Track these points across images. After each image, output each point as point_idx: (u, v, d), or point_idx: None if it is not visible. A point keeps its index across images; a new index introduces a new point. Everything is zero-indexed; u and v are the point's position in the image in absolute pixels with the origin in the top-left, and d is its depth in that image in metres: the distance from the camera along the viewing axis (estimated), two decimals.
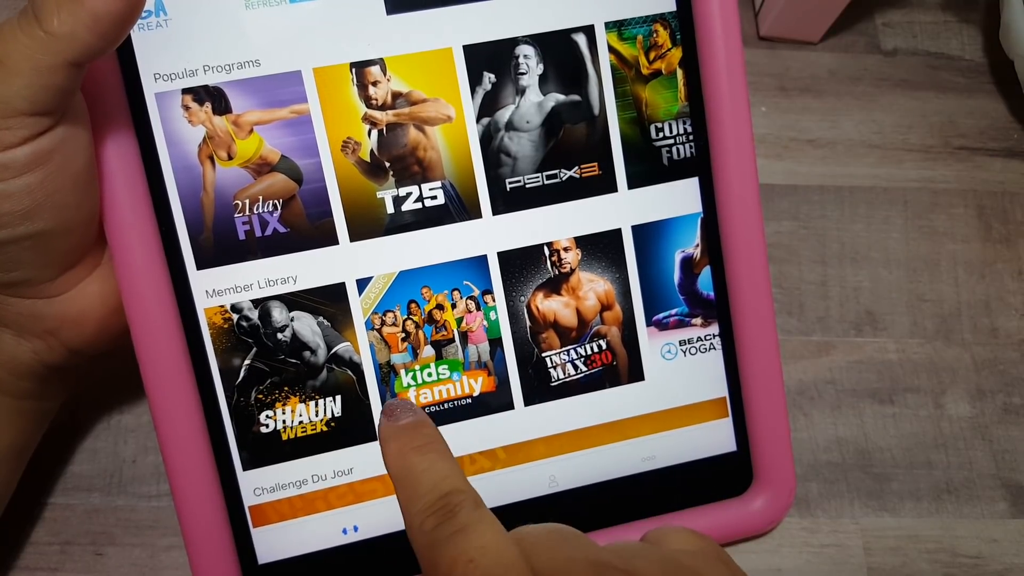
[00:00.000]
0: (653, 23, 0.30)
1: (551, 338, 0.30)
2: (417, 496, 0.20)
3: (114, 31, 0.22)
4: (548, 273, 0.30)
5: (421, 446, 0.21)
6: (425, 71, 0.28)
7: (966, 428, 0.35)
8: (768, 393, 0.31)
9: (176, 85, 0.27)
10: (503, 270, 0.30)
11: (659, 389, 0.31)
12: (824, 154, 0.39)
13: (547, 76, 0.29)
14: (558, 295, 0.30)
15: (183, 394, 0.27)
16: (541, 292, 0.30)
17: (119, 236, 0.26)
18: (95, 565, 0.31)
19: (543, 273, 0.30)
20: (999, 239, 0.38)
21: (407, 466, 0.21)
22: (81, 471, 0.33)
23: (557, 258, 0.30)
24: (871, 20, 0.42)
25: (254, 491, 0.29)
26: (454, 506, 0.20)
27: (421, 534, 0.19)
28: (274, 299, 0.28)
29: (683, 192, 0.31)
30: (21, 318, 0.26)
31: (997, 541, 0.34)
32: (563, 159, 0.30)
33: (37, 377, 0.28)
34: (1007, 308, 0.38)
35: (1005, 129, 0.40)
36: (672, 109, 0.30)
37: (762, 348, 0.31)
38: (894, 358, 0.36)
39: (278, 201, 0.28)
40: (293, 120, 0.28)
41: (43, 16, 0.21)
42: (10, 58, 0.21)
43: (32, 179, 0.23)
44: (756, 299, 0.31)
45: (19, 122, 0.22)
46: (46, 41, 0.21)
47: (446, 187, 0.29)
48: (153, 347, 0.27)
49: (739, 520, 0.31)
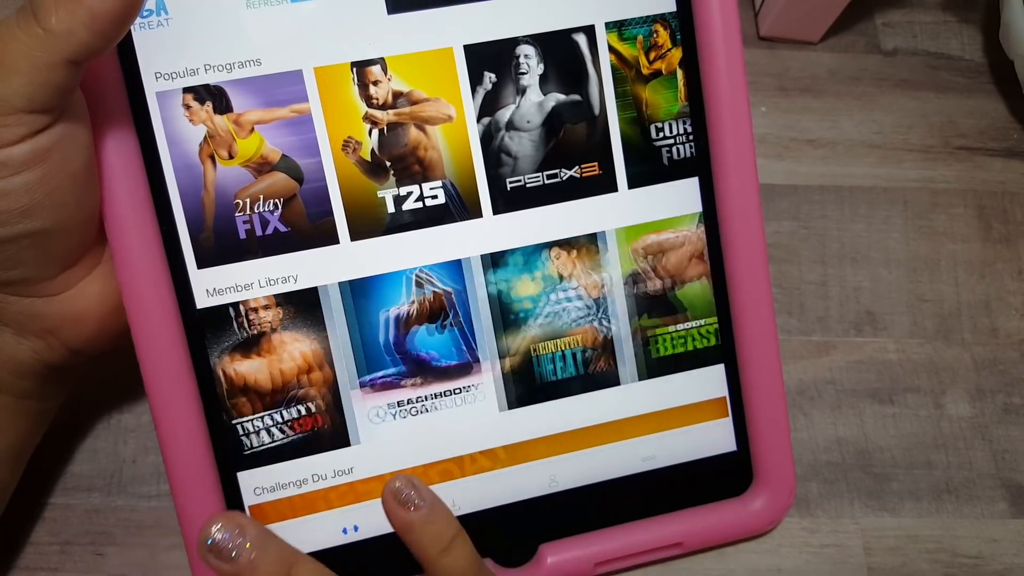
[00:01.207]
0: (653, 23, 0.30)
1: (245, 403, 0.29)
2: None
3: (112, 29, 0.22)
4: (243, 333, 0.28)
5: (446, 548, 0.24)
6: (426, 71, 0.28)
7: (966, 428, 0.35)
8: (768, 393, 0.31)
9: (177, 84, 0.27)
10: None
11: (661, 389, 0.31)
12: (824, 154, 0.39)
13: (548, 76, 0.29)
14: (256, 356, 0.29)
15: (183, 394, 0.27)
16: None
17: (120, 235, 0.26)
18: (95, 565, 0.31)
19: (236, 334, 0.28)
20: (999, 239, 0.38)
21: (439, 566, 0.24)
22: (81, 471, 0.33)
23: (255, 316, 0.28)
24: (871, 20, 0.42)
25: (254, 490, 0.29)
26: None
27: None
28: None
29: (683, 192, 0.31)
30: (21, 317, 0.26)
31: (997, 541, 0.34)
32: (563, 159, 0.30)
33: (37, 377, 0.28)
34: (1007, 308, 0.38)
35: (1005, 129, 0.40)
36: (672, 109, 0.30)
37: (762, 348, 0.31)
38: (894, 358, 0.36)
39: (279, 200, 0.28)
40: (294, 119, 0.28)
41: (41, 14, 0.21)
42: (8, 56, 0.21)
43: (30, 177, 0.23)
44: (756, 299, 0.31)
45: (17, 119, 0.22)
46: (44, 39, 0.21)
47: (447, 186, 0.29)
48: (153, 346, 0.27)
49: (739, 520, 0.31)
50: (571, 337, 0.30)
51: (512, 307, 0.30)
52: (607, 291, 0.30)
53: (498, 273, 0.30)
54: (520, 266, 0.30)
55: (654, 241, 0.31)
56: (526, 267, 0.30)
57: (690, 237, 0.31)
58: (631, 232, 0.30)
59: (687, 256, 0.31)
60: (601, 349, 0.31)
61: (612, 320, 0.31)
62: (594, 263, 0.30)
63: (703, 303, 0.31)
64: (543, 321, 0.30)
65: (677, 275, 0.31)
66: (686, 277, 0.31)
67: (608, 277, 0.30)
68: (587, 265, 0.30)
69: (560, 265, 0.30)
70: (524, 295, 0.30)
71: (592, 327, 0.30)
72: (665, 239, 0.31)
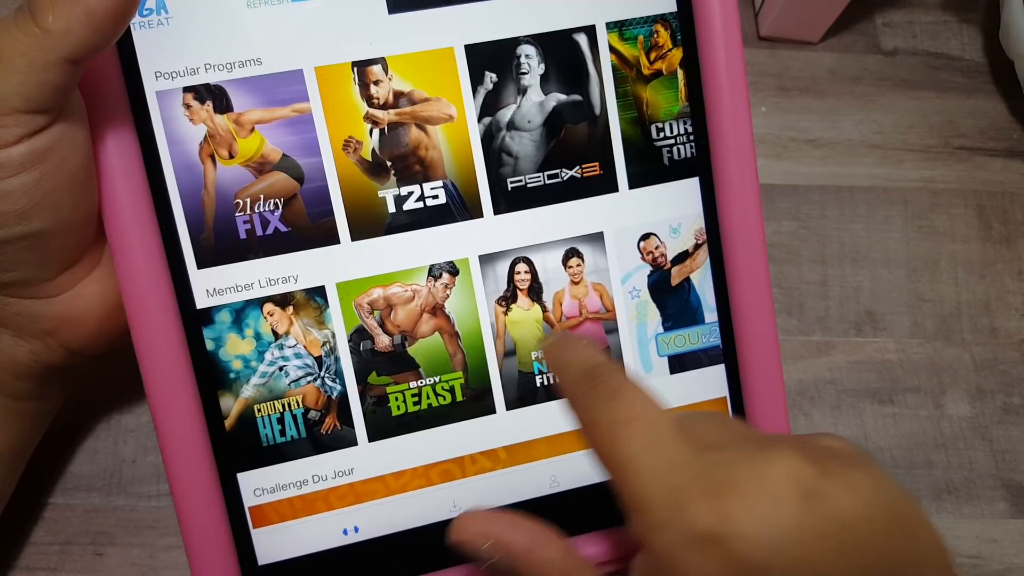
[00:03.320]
0: (654, 23, 0.30)
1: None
2: (571, 366, 0.22)
3: (109, 27, 0.22)
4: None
5: (574, 344, 0.23)
6: (427, 70, 0.28)
7: (966, 428, 0.36)
8: (769, 393, 0.31)
9: (177, 83, 0.27)
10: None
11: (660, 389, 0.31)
12: (824, 154, 0.39)
13: (548, 76, 0.29)
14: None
15: (183, 394, 0.27)
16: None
17: (119, 235, 0.26)
18: (95, 565, 0.31)
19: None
20: (999, 239, 0.39)
21: (563, 353, 0.23)
22: (81, 471, 0.32)
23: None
24: (871, 20, 0.42)
25: (254, 491, 0.29)
26: (604, 374, 0.21)
27: (578, 399, 0.21)
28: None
29: (684, 192, 0.31)
30: (20, 318, 0.26)
31: (997, 541, 0.34)
32: (564, 159, 0.30)
33: (36, 378, 0.28)
34: (1007, 308, 0.38)
35: (1005, 129, 0.40)
36: (673, 109, 0.30)
37: (762, 348, 0.31)
38: (894, 358, 0.36)
39: (279, 200, 0.28)
40: (295, 119, 0.28)
41: (38, 12, 0.21)
42: (5, 54, 0.21)
43: (28, 178, 0.23)
44: (756, 299, 0.31)
45: (15, 120, 0.22)
46: (41, 37, 0.21)
47: (447, 186, 0.29)
48: (153, 347, 0.27)
49: None
50: None
51: None
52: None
53: None
54: None
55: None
56: None
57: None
58: None
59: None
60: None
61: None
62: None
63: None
64: None
65: None
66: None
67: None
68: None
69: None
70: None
71: None
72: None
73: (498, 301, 0.30)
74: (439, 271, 0.29)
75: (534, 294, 0.30)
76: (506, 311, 0.30)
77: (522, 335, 0.30)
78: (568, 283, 0.30)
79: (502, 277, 0.30)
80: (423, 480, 0.30)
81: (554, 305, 0.30)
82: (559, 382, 0.23)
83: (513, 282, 0.30)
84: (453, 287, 0.29)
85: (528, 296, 0.30)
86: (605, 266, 0.30)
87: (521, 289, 0.30)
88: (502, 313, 0.30)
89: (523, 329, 0.30)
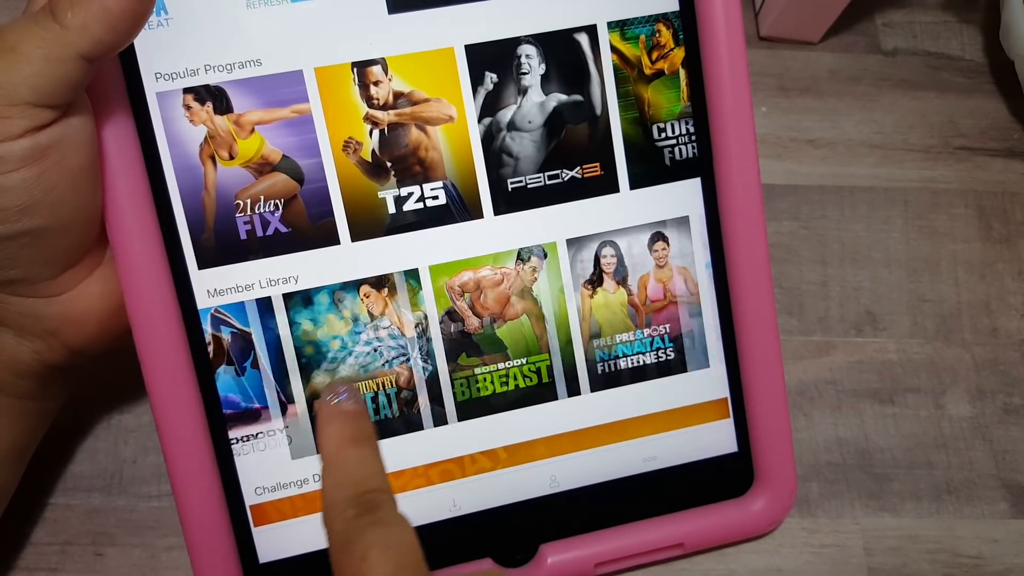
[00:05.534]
0: (656, 23, 0.30)
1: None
2: (345, 484, 0.21)
3: (126, 26, 0.22)
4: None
5: (358, 439, 0.22)
6: (427, 71, 0.28)
7: (966, 428, 0.36)
8: (769, 394, 0.31)
9: (177, 85, 0.27)
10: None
11: (660, 390, 0.31)
12: (824, 154, 0.39)
13: (549, 76, 0.29)
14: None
15: (185, 394, 0.27)
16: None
17: (121, 235, 0.26)
18: (95, 565, 0.31)
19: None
20: (999, 239, 0.39)
21: (342, 455, 0.22)
22: (81, 471, 0.32)
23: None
24: (871, 20, 0.42)
25: (255, 490, 0.29)
26: (378, 503, 0.21)
27: (341, 520, 0.21)
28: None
29: (685, 192, 0.31)
30: (21, 318, 0.26)
31: (997, 541, 0.34)
32: (565, 159, 0.30)
33: (38, 377, 0.28)
34: (1007, 308, 0.38)
35: (1005, 129, 0.40)
36: (674, 109, 0.30)
37: (763, 349, 0.31)
38: (894, 358, 0.36)
39: (279, 201, 0.28)
40: (294, 120, 0.28)
41: (57, 8, 0.22)
42: (22, 46, 0.22)
43: (28, 174, 0.23)
44: (757, 299, 0.31)
45: (22, 111, 0.22)
46: (59, 32, 0.22)
47: (448, 187, 0.29)
48: (155, 347, 0.27)
49: (740, 521, 0.31)
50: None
51: None
52: None
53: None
54: None
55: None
56: None
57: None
58: None
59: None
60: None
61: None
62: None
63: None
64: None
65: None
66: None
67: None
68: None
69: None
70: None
71: None
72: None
73: (584, 284, 0.30)
74: (527, 254, 0.30)
75: (619, 277, 0.30)
76: (592, 294, 0.30)
77: (607, 318, 0.30)
78: (653, 267, 0.30)
79: (588, 260, 0.30)
80: (423, 480, 0.30)
81: (639, 288, 0.30)
82: (325, 480, 0.22)
83: (599, 266, 0.30)
84: (541, 270, 0.30)
85: (613, 279, 0.30)
86: (690, 250, 0.31)
87: (607, 272, 0.30)
88: (588, 296, 0.30)
89: (608, 312, 0.30)
